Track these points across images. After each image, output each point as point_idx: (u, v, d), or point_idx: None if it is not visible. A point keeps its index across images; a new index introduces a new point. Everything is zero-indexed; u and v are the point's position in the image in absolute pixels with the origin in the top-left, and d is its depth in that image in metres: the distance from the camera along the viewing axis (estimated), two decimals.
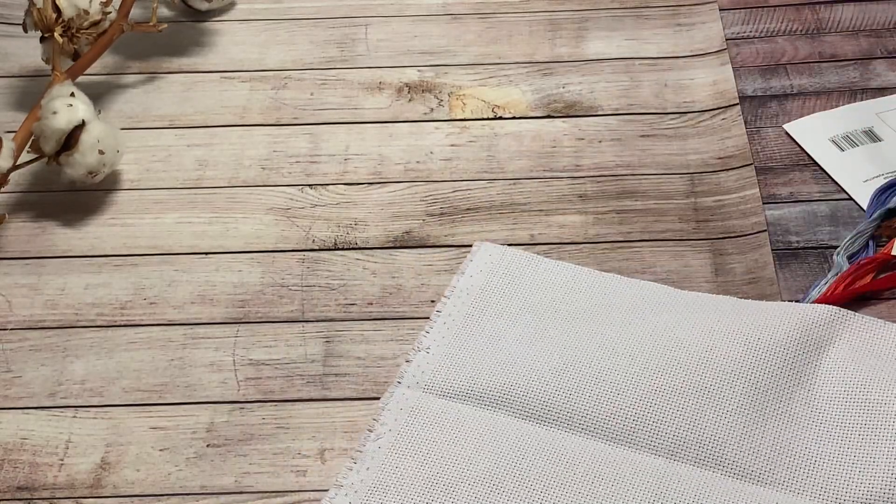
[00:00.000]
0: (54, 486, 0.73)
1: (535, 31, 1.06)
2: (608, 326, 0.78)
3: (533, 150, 0.95)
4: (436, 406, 0.75)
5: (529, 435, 0.73)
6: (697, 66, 1.02)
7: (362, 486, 0.70)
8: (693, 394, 0.73)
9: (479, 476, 0.70)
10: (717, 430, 0.71)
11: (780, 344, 0.75)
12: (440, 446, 0.72)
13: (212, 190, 0.93)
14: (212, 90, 1.02)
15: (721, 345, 0.75)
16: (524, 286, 0.82)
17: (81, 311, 0.83)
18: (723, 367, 0.74)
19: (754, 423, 0.72)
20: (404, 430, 0.73)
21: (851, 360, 0.75)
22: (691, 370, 0.74)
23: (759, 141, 0.94)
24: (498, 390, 0.75)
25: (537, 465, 0.71)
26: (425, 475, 0.71)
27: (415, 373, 0.77)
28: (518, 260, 0.84)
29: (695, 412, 0.72)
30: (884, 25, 1.04)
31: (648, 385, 0.73)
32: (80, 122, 0.88)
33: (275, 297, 0.84)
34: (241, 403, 0.77)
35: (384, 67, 1.03)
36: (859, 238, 0.84)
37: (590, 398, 0.74)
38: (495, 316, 0.80)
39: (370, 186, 0.92)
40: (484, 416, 0.74)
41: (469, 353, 0.77)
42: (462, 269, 0.84)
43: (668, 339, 0.76)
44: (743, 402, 0.72)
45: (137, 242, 0.89)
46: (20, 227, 0.90)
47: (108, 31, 0.98)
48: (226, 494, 0.72)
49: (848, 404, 0.72)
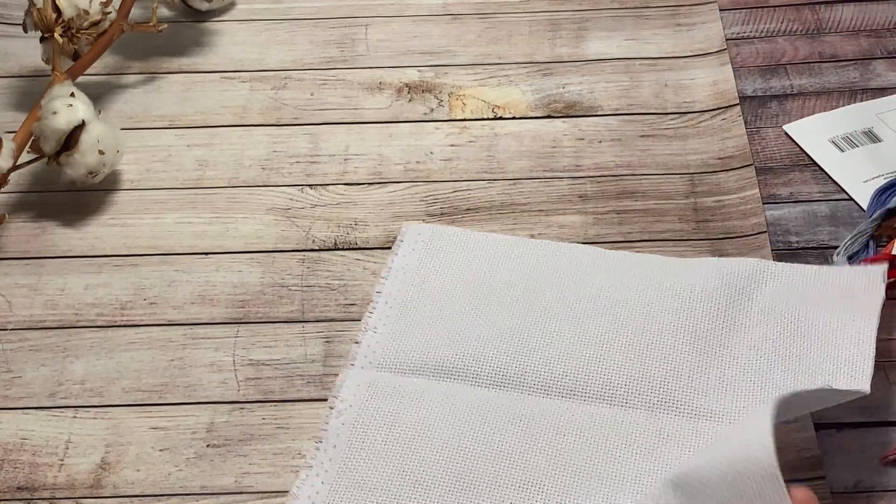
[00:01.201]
0: (54, 487, 0.73)
1: (535, 31, 1.06)
2: (548, 292, 0.80)
3: (533, 151, 0.95)
4: (393, 381, 0.76)
5: (488, 399, 0.74)
6: (697, 66, 1.02)
7: (332, 465, 0.71)
8: (638, 347, 0.76)
9: (446, 443, 0.72)
10: (665, 376, 0.75)
11: (711, 293, 0.79)
12: (403, 418, 0.73)
13: (212, 190, 0.93)
14: (212, 90, 1.02)
15: (657, 300, 0.79)
16: (459, 260, 0.83)
17: (81, 312, 0.83)
18: (662, 320, 0.78)
19: (698, 366, 0.75)
20: (365, 405, 0.74)
21: (778, 300, 0.78)
22: (634, 326, 0.77)
23: (759, 141, 0.94)
24: (450, 362, 0.77)
25: (500, 427, 0.73)
26: (392, 448, 0.72)
27: (366, 353, 0.78)
28: (449, 235, 0.85)
29: (642, 363, 0.75)
30: (884, 25, 1.04)
31: (595, 343, 0.77)
32: (80, 122, 0.88)
33: (275, 298, 0.84)
34: (241, 403, 0.77)
35: (384, 67, 1.03)
36: (859, 238, 0.84)
37: (541, 360, 0.76)
38: (436, 291, 0.81)
39: (370, 186, 0.92)
40: (440, 387, 0.75)
41: (415, 329, 0.79)
42: (394, 249, 0.85)
43: (607, 300, 0.79)
44: (685, 348, 0.76)
45: (137, 242, 0.89)
46: (20, 227, 0.90)
47: (108, 31, 0.98)
48: (226, 494, 0.72)
49: (782, 338, 0.76)
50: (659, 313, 0.78)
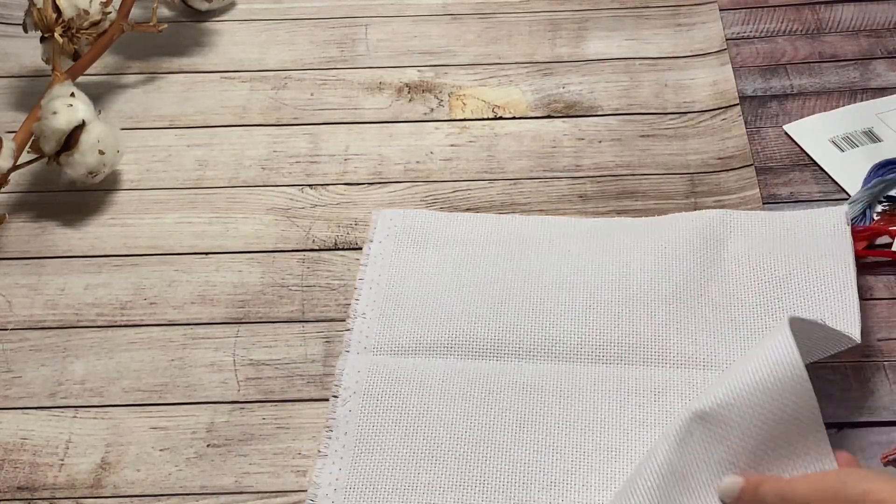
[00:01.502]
0: (54, 486, 0.73)
1: (535, 31, 1.06)
2: (527, 262, 0.83)
3: (533, 150, 0.95)
4: (391, 363, 0.77)
5: (486, 370, 0.76)
6: (697, 66, 1.02)
7: (346, 451, 0.72)
8: (624, 305, 0.79)
9: (453, 416, 0.74)
10: (655, 331, 0.77)
11: (686, 247, 0.82)
12: (407, 397, 0.75)
13: (212, 190, 0.93)
14: (212, 90, 1.02)
15: (636, 259, 0.82)
16: (434, 240, 0.85)
17: (81, 312, 0.83)
18: (643, 278, 0.80)
19: (685, 318, 0.78)
20: (368, 390, 0.75)
21: (750, 247, 0.82)
22: (616, 286, 0.80)
23: (759, 141, 0.94)
24: (444, 338, 0.78)
25: (504, 394, 0.75)
26: (402, 427, 0.73)
27: (359, 339, 0.79)
28: (420, 217, 0.87)
29: (630, 321, 0.78)
30: (884, 25, 1.04)
31: (583, 307, 0.79)
32: (80, 122, 0.88)
33: (275, 297, 0.84)
34: (241, 403, 0.77)
35: (384, 67, 1.03)
36: (855, 205, 0.84)
37: (532, 328, 0.78)
38: (417, 271, 0.83)
39: (370, 186, 0.92)
40: (439, 364, 0.77)
41: (404, 310, 0.80)
42: (368, 237, 0.86)
43: (587, 264, 0.82)
44: (669, 302, 0.79)
45: (137, 242, 0.89)
46: (20, 227, 0.90)
47: (108, 31, 0.98)
48: (226, 494, 0.72)
49: (761, 285, 0.80)
50: (639, 272, 0.81)
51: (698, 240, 0.83)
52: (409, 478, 0.71)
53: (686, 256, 0.82)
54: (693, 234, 0.83)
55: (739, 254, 0.82)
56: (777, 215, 0.84)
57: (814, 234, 0.83)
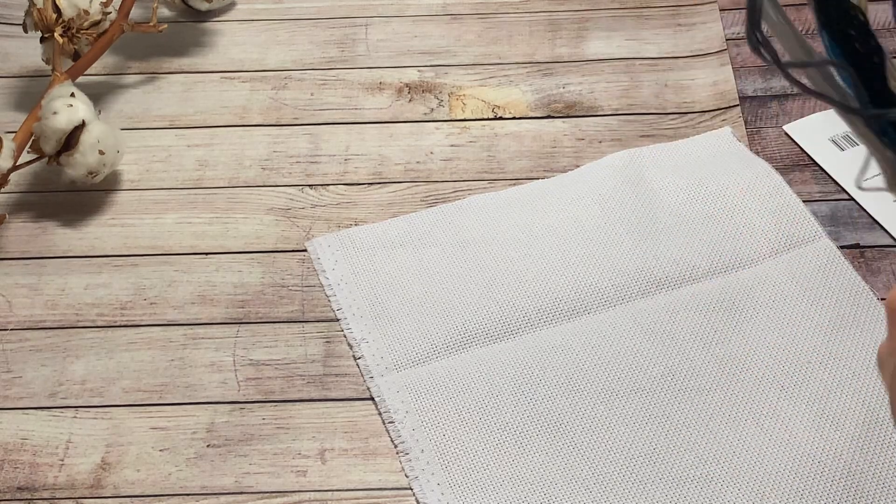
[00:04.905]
0: (54, 487, 0.73)
1: (535, 31, 1.06)
2: (487, 246, 0.85)
3: (533, 151, 0.95)
4: (422, 373, 0.77)
5: (511, 349, 0.78)
6: (697, 66, 1.02)
7: (430, 467, 0.72)
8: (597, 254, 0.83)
9: (507, 401, 0.75)
10: (637, 265, 0.82)
11: (616, 189, 0.88)
12: (458, 398, 0.76)
13: (212, 190, 0.93)
14: (212, 90, 1.02)
15: (583, 212, 0.86)
16: (381, 248, 0.85)
17: (81, 312, 0.83)
18: (601, 225, 0.85)
19: (652, 247, 0.84)
20: (418, 404, 0.76)
21: (668, 174, 0.89)
22: (581, 240, 0.84)
23: (759, 141, 0.94)
24: (454, 335, 0.79)
25: (548, 363, 0.77)
26: (469, 428, 0.74)
27: (376, 362, 0.78)
28: (353, 235, 0.87)
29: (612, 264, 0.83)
30: (884, 25, 1.04)
31: (561, 267, 0.83)
32: (81, 122, 0.88)
33: (275, 298, 0.84)
34: (241, 404, 0.77)
35: (384, 67, 1.03)
36: None
37: (530, 298, 0.81)
38: (388, 284, 0.83)
39: (370, 187, 0.92)
40: (465, 358, 0.78)
41: (400, 323, 0.80)
42: (319, 268, 0.85)
43: (541, 229, 0.85)
44: (631, 240, 0.84)
45: (137, 242, 0.89)
46: (20, 227, 0.90)
47: (108, 31, 0.98)
48: (226, 494, 0.72)
49: (698, 202, 0.87)
50: (593, 220, 0.86)
51: (623, 179, 0.88)
52: (501, 463, 0.72)
53: (622, 197, 0.87)
54: (617, 180, 0.88)
55: (666, 182, 0.88)
56: (673, 144, 0.92)
57: (713, 151, 0.91)
